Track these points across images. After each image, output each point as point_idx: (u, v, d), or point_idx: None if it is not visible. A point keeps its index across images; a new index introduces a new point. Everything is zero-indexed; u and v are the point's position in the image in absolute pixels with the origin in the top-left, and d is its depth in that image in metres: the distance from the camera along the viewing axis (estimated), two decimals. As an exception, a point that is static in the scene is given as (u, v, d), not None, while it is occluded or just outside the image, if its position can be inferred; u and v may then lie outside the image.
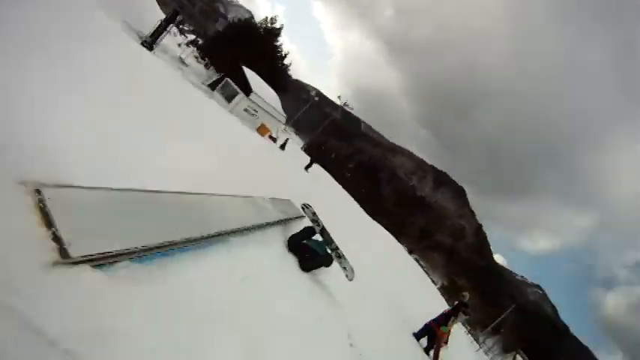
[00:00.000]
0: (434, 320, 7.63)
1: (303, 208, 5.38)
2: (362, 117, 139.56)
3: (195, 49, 29.63)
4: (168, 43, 22.78)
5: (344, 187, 35.11)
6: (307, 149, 23.95)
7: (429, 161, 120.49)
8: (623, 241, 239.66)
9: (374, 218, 35.74)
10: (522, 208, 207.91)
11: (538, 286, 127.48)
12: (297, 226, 5.26)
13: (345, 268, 5.05)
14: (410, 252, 49.16)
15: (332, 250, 5.05)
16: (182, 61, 23.78)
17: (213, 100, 15.43)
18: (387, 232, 36.24)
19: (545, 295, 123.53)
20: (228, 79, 20.68)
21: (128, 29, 15.31)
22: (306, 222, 5.32)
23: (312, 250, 4.83)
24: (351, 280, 5.03)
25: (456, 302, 8.18)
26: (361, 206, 33.48)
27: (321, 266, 4.89)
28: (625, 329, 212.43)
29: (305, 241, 4.88)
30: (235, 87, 20.54)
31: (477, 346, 37.59)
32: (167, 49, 21.47)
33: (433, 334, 7.51)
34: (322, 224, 5.12)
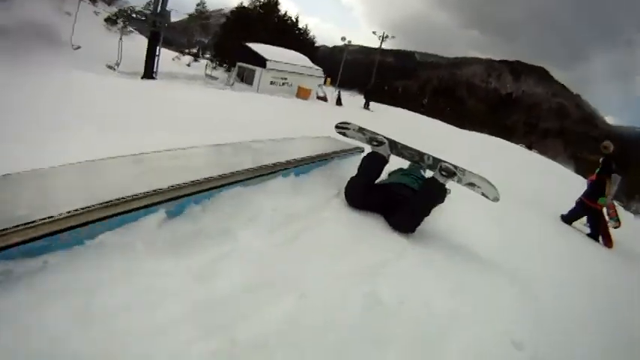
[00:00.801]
0: (583, 195, 6.04)
1: (338, 129, 3.11)
2: (411, 48, 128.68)
3: (206, 58, 28.83)
4: (168, 67, 20.90)
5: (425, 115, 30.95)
6: (366, 93, 20.29)
7: (496, 58, 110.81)
8: None
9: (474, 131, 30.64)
10: (606, 61, 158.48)
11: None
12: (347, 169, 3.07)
13: (472, 184, 2.62)
14: (529, 147, 41.99)
15: (430, 167, 2.75)
16: (210, 76, 21.99)
17: (231, 90, 13.30)
18: (496, 138, 30.66)
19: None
20: (239, 63, 18.60)
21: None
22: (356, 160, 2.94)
23: (397, 189, 2.71)
24: (496, 199, 2.62)
25: (601, 159, 6.07)
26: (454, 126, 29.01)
27: (429, 208, 2.60)
28: None
29: (377, 182, 2.85)
30: (248, 66, 18.27)
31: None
32: (174, 74, 19.57)
33: (590, 211, 5.86)
34: (384, 137, 2.88)
